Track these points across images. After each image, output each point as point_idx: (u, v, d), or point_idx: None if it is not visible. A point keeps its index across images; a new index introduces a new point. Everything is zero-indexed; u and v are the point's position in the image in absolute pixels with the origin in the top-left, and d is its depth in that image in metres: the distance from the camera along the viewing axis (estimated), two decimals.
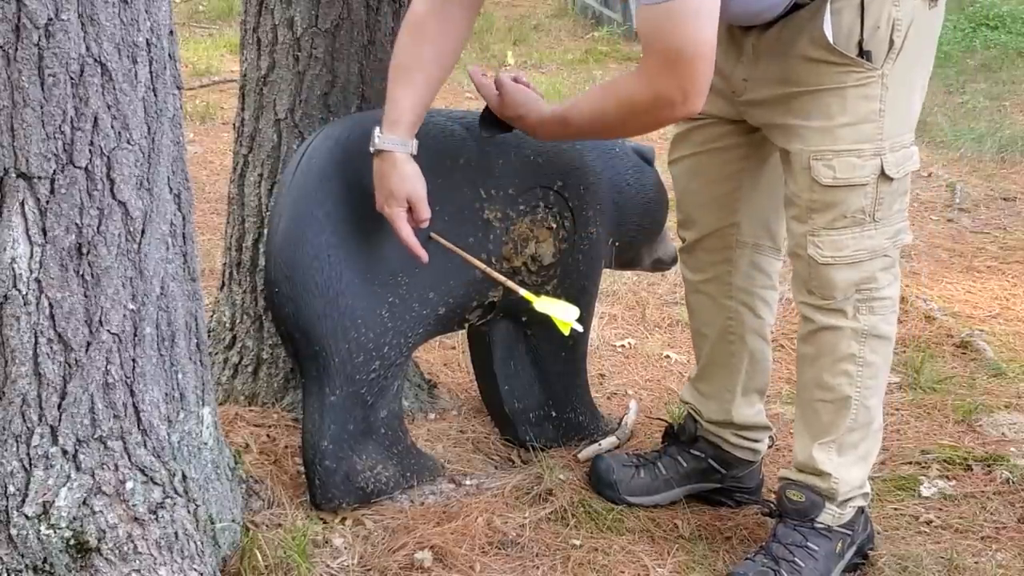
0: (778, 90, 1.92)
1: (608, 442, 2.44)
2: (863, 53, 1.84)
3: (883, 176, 1.89)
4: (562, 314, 1.95)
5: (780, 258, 2.22)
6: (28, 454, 1.62)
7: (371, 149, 1.91)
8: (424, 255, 1.95)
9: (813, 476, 2.03)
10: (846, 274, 1.92)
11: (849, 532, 2.04)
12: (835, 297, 1.94)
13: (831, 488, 2.01)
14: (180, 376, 1.79)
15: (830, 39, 1.83)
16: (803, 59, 1.88)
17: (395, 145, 1.89)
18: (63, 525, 1.63)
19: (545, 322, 1.99)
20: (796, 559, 1.99)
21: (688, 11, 1.69)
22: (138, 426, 1.71)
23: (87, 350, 1.63)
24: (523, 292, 1.99)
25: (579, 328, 1.96)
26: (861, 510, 2.07)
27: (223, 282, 2.46)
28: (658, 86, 1.75)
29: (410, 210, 1.91)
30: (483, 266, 2.06)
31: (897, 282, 2.00)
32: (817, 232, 1.92)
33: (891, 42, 1.84)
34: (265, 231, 2.24)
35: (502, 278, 2.04)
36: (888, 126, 1.88)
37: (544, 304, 1.97)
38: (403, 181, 1.90)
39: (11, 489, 1.62)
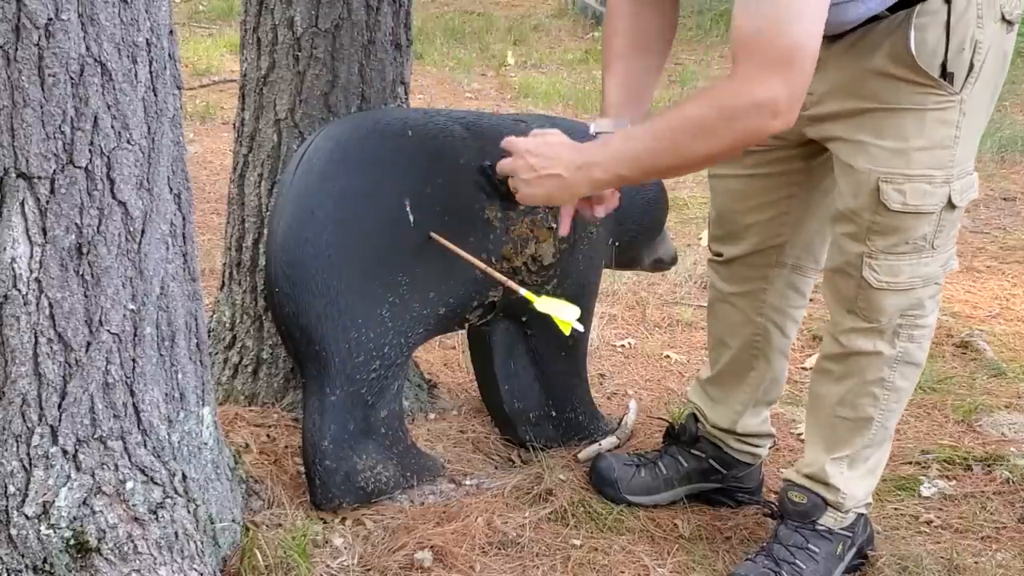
0: (848, 104, 1.84)
1: (608, 442, 2.44)
2: (945, 75, 1.76)
3: (949, 204, 1.84)
4: (563, 314, 1.94)
5: (816, 275, 2.16)
6: (28, 454, 1.62)
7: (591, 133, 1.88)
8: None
9: (820, 486, 2.01)
10: (896, 300, 1.88)
11: (850, 534, 2.04)
12: (881, 321, 1.90)
13: (837, 501, 2.01)
14: (180, 376, 1.79)
15: (915, 56, 1.75)
16: (880, 75, 1.79)
17: (602, 127, 1.87)
18: (63, 525, 1.63)
19: (545, 322, 1.99)
20: (797, 561, 1.99)
21: (807, 5, 1.56)
22: (138, 426, 1.71)
23: (87, 350, 1.63)
24: (523, 292, 1.99)
25: (580, 328, 1.95)
26: (862, 515, 2.07)
27: (223, 282, 2.46)
28: (763, 89, 1.58)
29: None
30: (483, 266, 2.06)
31: (937, 309, 1.96)
32: (875, 255, 1.86)
33: (971, 65, 1.77)
34: (265, 231, 2.24)
35: (502, 278, 2.04)
36: (959, 153, 1.82)
37: (545, 304, 1.97)
38: None
39: (11, 489, 1.62)
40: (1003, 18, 1.79)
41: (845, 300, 1.92)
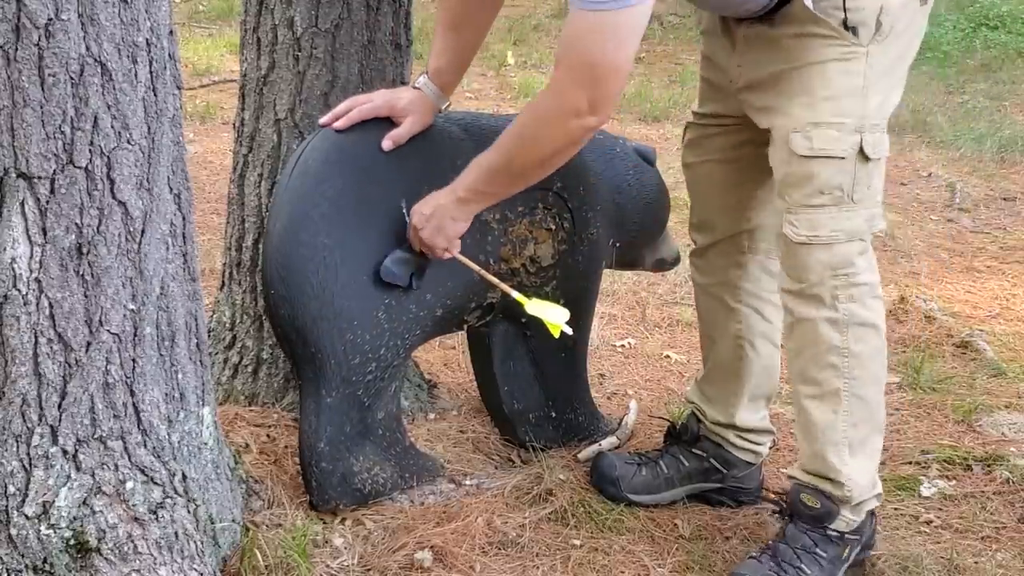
0: (766, 69, 1.92)
1: (608, 442, 2.44)
2: (848, 28, 1.84)
3: (861, 154, 1.87)
4: (553, 316, 1.95)
5: None
6: (28, 454, 1.62)
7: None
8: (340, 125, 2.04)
9: (825, 482, 1.99)
10: (821, 255, 1.89)
11: (858, 536, 2.02)
12: (809, 280, 1.90)
13: (845, 495, 1.98)
14: (180, 376, 1.79)
15: (810, 6, 1.82)
16: (789, 36, 1.88)
17: (419, 83, 2.11)
18: (63, 525, 1.63)
19: (545, 323, 1.99)
20: (802, 565, 1.96)
21: (618, 27, 1.70)
22: (138, 426, 1.71)
23: (87, 350, 1.64)
24: (515, 295, 2.00)
25: (568, 331, 1.96)
26: (872, 512, 2.04)
27: (223, 282, 2.46)
28: (566, 95, 1.77)
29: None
30: (478, 268, 2.06)
31: (874, 268, 1.96)
32: (794, 209, 1.89)
33: (879, 23, 1.84)
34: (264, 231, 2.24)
35: (495, 280, 2.05)
36: (871, 106, 1.87)
37: (535, 307, 1.98)
38: (390, 91, 2.13)
39: (11, 489, 1.62)
40: None
41: (782, 260, 1.96)
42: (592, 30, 1.72)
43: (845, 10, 1.83)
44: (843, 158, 1.86)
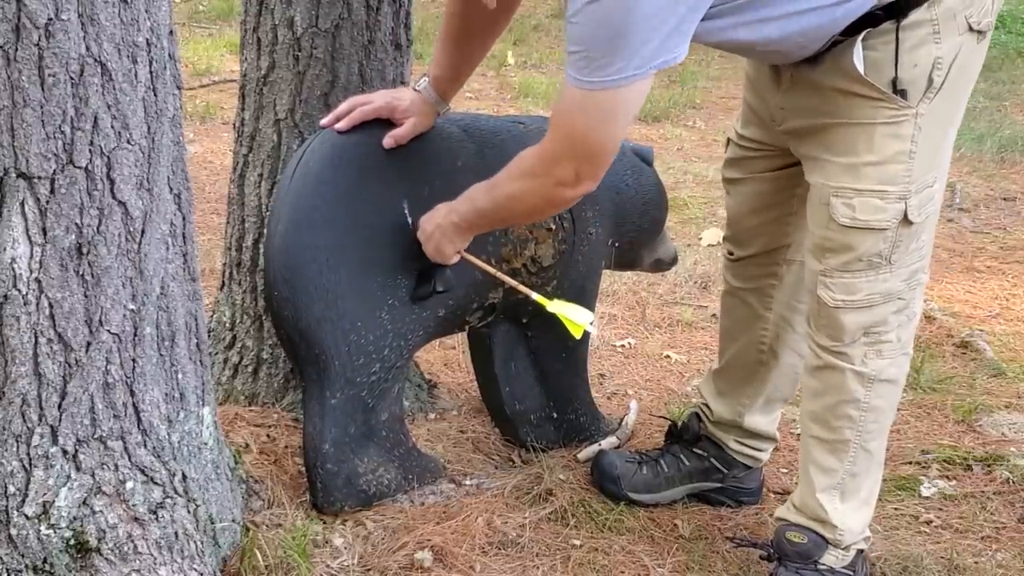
0: (811, 120, 1.85)
1: (608, 442, 2.44)
2: (897, 91, 1.75)
3: (904, 220, 1.80)
4: (576, 317, 1.94)
5: None
6: (28, 454, 1.63)
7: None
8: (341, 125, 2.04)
9: (816, 523, 1.97)
10: (856, 317, 1.85)
11: (851, 572, 1.99)
12: (843, 340, 1.87)
13: (837, 537, 1.96)
14: (180, 376, 1.79)
15: (860, 71, 1.73)
16: (835, 91, 1.79)
17: (420, 85, 2.11)
18: (63, 525, 1.63)
19: (546, 323, 1.99)
20: None
21: (606, 105, 1.68)
22: (138, 426, 1.71)
23: (87, 350, 1.64)
24: (535, 295, 1.99)
25: (593, 332, 1.95)
26: (861, 552, 2.02)
27: (223, 282, 2.46)
28: (555, 166, 1.78)
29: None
30: (492, 269, 2.06)
31: (911, 321, 1.92)
32: (830, 273, 1.85)
33: (930, 80, 1.74)
34: (265, 232, 2.24)
35: (514, 282, 2.05)
36: (917, 167, 1.79)
37: (558, 307, 1.97)
38: (390, 92, 2.12)
39: (11, 489, 1.62)
40: (970, 29, 1.76)
41: (813, 316, 1.91)
42: (581, 107, 1.70)
43: (896, 67, 1.73)
44: (885, 229, 1.80)
